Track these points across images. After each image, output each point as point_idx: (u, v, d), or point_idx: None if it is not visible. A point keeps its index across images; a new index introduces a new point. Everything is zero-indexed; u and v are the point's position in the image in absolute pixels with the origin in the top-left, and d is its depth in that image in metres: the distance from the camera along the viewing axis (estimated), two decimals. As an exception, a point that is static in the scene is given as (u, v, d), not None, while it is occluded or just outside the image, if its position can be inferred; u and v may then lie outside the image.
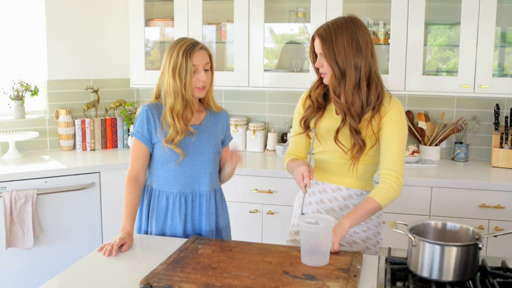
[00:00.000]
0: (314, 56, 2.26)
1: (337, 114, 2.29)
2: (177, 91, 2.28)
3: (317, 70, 2.28)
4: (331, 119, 2.29)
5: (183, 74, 2.27)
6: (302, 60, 3.94)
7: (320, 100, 2.31)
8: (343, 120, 2.22)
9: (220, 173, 2.54)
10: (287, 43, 3.98)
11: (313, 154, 2.39)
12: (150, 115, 2.33)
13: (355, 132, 2.20)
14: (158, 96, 2.39)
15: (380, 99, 2.21)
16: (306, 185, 2.14)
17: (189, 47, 2.29)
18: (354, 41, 2.14)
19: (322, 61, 2.20)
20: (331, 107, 2.31)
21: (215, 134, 2.45)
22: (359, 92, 2.18)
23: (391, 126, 2.21)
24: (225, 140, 2.53)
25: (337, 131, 2.23)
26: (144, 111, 2.34)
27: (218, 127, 2.48)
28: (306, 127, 2.34)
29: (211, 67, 2.38)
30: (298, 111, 2.41)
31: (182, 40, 2.34)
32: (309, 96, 2.35)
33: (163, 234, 2.39)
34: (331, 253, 2.01)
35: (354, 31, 2.15)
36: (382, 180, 2.21)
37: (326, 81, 2.23)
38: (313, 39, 2.23)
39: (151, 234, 2.42)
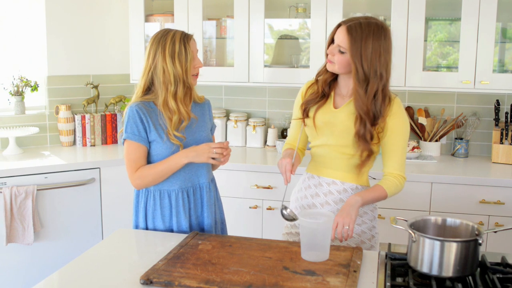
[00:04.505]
0: (331, 41, 2.25)
1: (335, 107, 2.30)
2: (178, 76, 2.27)
3: (327, 55, 2.28)
4: (329, 112, 2.30)
5: (183, 60, 2.26)
6: (302, 55, 3.93)
7: (325, 86, 2.31)
8: (361, 124, 2.21)
9: None
10: (279, 38, 3.98)
11: (309, 148, 2.43)
12: (142, 115, 2.29)
13: (371, 138, 2.22)
14: (145, 91, 2.34)
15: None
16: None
17: (184, 35, 2.30)
18: (382, 52, 2.15)
19: (335, 51, 2.19)
20: (330, 100, 2.32)
21: (204, 124, 2.46)
22: (375, 101, 2.19)
23: (396, 128, 2.25)
24: (212, 128, 2.54)
25: (357, 134, 2.21)
26: (134, 111, 2.28)
27: (206, 117, 2.49)
28: (305, 114, 2.35)
29: None
30: (297, 102, 2.42)
31: (171, 30, 2.32)
32: (316, 80, 2.35)
33: (171, 232, 2.38)
34: (331, 247, 2.01)
35: (384, 41, 2.16)
36: (391, 177, 2.27)
37: (329, 68, 2.24)
38: (338, 27, 2.21)
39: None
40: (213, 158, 2.27)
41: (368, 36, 2.14)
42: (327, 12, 3.54)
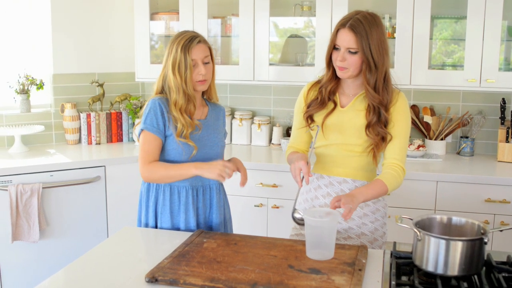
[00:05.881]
0: (332, 48, 2.24)
1: (341, 107, 2.30)
2: (178, 86, 2.28)
3: (328, 64, 2.27)
4: (336, 112, 2.30)
5: (182, 70, 2.27)
6: (307, 53, 3.92)
7: (331, 95, 2.32)
8: (375, 113, 2.23)
9: None
10: (289, 36, 3.98)
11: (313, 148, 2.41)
12: (164, 108, 2.31)
13: (385, 125, 2.23)
14: (160, 91, 2.38)
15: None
16: (303, 180, 2.16)
17: (187, 42, 2.29)
18: (383, 36, 2.20)
19: (346, 55, 2.18)
20: (337, 101, 2.32)
21: (219, 128, 2.49)
22: (386, 88, 2.22)
23: (398, 118, 2.25)
24: (223, 135, 2.55)
25: (369, 125, 2.23)
26: (157, 104, 2.31)
27: (220, 121, 2.51)
28: (310, 119, 2.35)
29: (212, 59, 2.38)
30: (299, 105, 2.42)
31: (182, 34, 2.33)
32: (320, 91, 2.34)
33: (178, 229, 2.39)
34: (337, 246, 2.01)
35: (381, 27, 2.21)
36: (390, 168, 2.25)
37: (344, 75, 2.23)
38: (336, 32, 2.21)
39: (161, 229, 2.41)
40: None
41: (370, 27, 2.17)
42: (333, 10, 3.53)
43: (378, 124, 2.22)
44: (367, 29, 2.15)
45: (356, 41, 2.15)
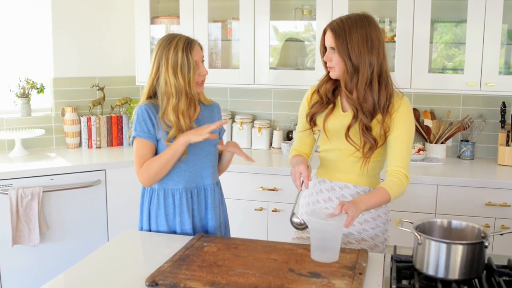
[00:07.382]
0: (324, 50, 2.26)
1: (343, 111, 2.29)
2: (180, 89, 2.27)
3: (325, 64, 2.28)
4: (338, 116, 2.29)
5: (185, 72, 2.26)
6: (307, 57, 3.93)
7: (329, 95, 2.31)
8: (355, 117, 2.21)
9: (218, 164, 2.54)
10: (286, 40, 3.98)
11: (317, 152, 2.39)
12: (151, 114, 2.30)
13: (366, 129, 2.20)
14: (150, 97, 2.36)
15: (389, 99, 2.21)
16: (302, 184, 2.15)
17: (187, 44, 2.29)
18: (368, 38, 2.16)
19: (331, 55, 2.20)
20: (338, 104, 2.31)
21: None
22: (371, 90, 2.18)
23: (400, 123, 2.22)
24: (220, 132, 2.54)
25: (348, 128, 2.23)
26: (144, 110, 2.31)
27: (214, 119, 2.48)
28: (313, 123, 2.34)
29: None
30: (303, 108, 2.41)
31: (175, 37, 2.32)
32: (317, 91, 2.35)
33: (174, 232, 2.39)
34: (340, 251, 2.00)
35: (368, 29, 2.17)
36: (393, 175, 2.21)
37: (333, 75, 2.24)
38: (324, 32, 2.23)
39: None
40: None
41: (351, 27, 2.16)
42: (333, 14, 3.53)
43: (362, 129, 2.19)
44: (346, 28, 2.15)
45: (334, 40, 2.17)
